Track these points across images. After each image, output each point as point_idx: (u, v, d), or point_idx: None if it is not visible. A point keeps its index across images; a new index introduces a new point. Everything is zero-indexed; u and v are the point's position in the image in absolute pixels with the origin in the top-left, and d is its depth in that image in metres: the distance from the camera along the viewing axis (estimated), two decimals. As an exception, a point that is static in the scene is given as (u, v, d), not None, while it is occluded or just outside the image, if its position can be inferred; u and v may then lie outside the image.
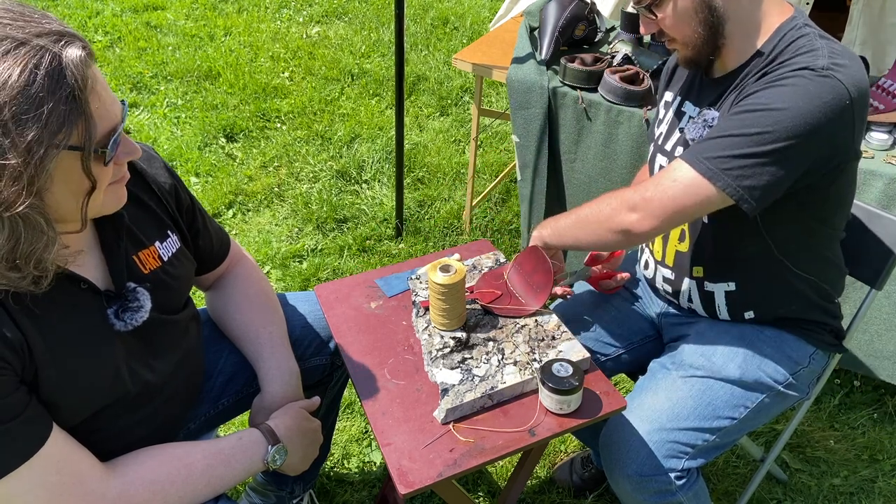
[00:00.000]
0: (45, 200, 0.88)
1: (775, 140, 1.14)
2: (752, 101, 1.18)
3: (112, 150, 0.93)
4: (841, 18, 2.52)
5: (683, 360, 1.43)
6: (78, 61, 0.85)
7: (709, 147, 1.19)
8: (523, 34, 2.44)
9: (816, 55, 1.17)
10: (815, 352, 1.45)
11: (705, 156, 1.18)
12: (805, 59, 1.17)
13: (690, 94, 1.42)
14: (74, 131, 0.86)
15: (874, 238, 1.49)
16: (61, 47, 0.85)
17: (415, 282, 1.48)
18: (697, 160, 1.19)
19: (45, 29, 0.85)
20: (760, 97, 1.17)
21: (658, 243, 1.51)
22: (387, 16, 4.84)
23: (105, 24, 4.53)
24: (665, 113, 1.50)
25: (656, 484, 1.31)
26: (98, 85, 0.90)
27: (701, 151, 1.19)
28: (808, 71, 1.14)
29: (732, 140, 1.17)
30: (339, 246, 2.79)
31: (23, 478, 0.94)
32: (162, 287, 1.15)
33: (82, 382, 1.02)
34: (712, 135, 1.20)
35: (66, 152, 0.86)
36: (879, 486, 1.96)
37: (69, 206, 0.93)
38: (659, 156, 1.48)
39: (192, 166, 3.24)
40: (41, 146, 0.83)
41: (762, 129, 1.14)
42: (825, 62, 1.15)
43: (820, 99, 1.13)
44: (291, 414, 1.26)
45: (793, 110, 1.13)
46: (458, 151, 3.43)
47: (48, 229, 0.88)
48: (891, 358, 2.03)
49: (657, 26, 1.30)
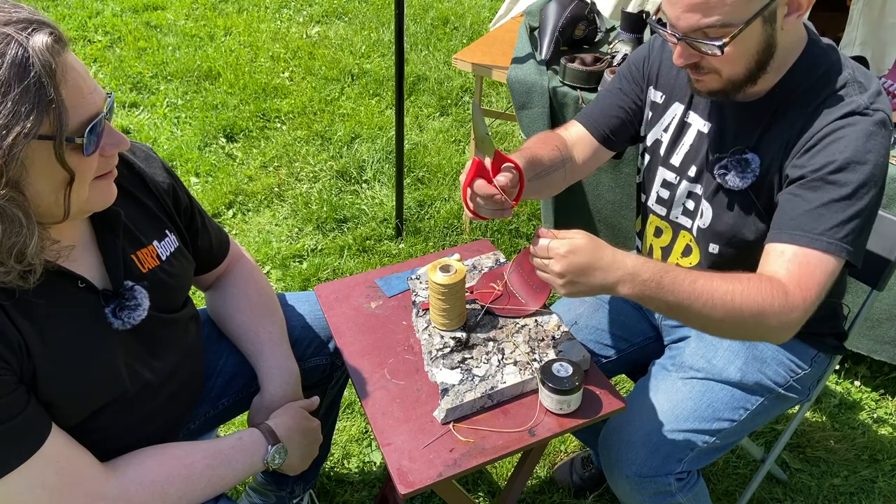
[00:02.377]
0: (26, 194, 0.86)
1: (869, 190, 1.13)
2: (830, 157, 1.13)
3: (91, 140, 0.91)
4: (841, 18, 2.51)
5: (684, 361, 1.43)
6: (44, 48, 0.84)
7: (815, 220, 1.13)
8: (523, 34, 2.43)
9: (851, 94, 1.16)
10: (816, 354, 1.45)
11: (818, 232, 1.13)
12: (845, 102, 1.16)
13: (695, 106, 1.35)
14: (45, 119, 0.84)
15: (874, 238, 1.48)
16: (28, 35, 0.83)
17: (415, 282, 1.48)
18: (813, 238, 1.13)
19: (11, 17, 0.84)
20: (837, 150, 1.13)
21: (658, 252, 1.49)
22: (387, 16, 4.84)
23: (105, 24, 4.53)
24: (655, 116, 1.42)
25: (655, 485, 1.31)
26: (71, 73, 0.88)
27: (812, 228, 1.13)
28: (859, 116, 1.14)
29: (834, 206, 1.13)
30: (339, 246, 2.79)
31: (22, 477, 0.94)
32: (160, 286, 1.15)
33: (81, 381, 1.02)
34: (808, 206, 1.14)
35: (38, 142, 0.85)
36: (879, 486, 1.96)
37: (49, 199, 0.91)
38: (662, 168, 1.41)
39: (192, 166, 3.24)
40: (9, 134, 0.81)
41: (858, 184, 1.13)
42: (864, 100, 1.15)
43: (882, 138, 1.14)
44: (291, 414, 1.26)
45: (872, 158, 1.13)
46: (458, 151, 3.43)
47: (27, 223, 0.87)
48: (891, 343, 2.06)
49: (700, 57, 1.15)
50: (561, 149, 1.45)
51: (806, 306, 1.10)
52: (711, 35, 1.09)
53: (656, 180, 1.43)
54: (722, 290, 1.09)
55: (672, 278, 1.09)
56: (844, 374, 2.28)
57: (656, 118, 1.42)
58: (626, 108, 1.47)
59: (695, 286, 1.09)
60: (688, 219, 1.39)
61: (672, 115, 1.39)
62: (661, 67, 1.41)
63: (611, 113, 1.47)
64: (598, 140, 1.48)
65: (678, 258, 1.44)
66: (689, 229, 1.40)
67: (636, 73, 1.46)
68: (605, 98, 1.50)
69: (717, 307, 1.09)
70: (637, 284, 1.08)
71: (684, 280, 1.09)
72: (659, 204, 1.44)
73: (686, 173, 1.36)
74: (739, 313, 1.09)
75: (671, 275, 1.09)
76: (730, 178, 1.26)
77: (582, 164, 1.50)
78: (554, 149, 1.43)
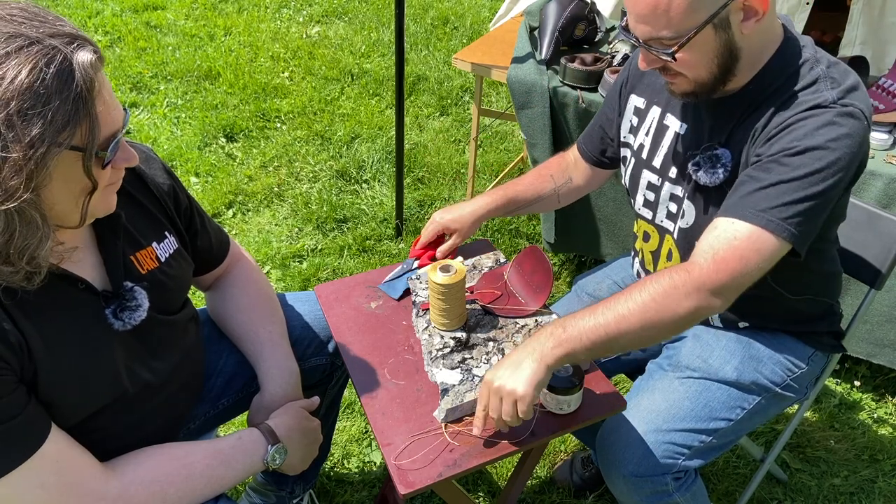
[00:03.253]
0: (42, 197, 0.88)
1: (824, 178, 1.11)
2: (787, 144, 1.13)
3: (111, 155, 0.94)
4: (841, 18, 2.51)
5: (680, 361, 1.43)
6: (88, 64, 0.87)
7: (761, 198, 1.12)
8: (523, 34, 2.44)
9: (821, 89, 1.15)
10: (813, 353, 1.45)
11: (760, 208, 1.12)
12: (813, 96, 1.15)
13: (671, 107, 1.37)
14: (78, 132, 0.87)
15: (874, 238, 1.48)
16: (73, 49, 0.86)
17: (415, 282, 1.48)
18: (753, 214, 1.12)
19: (58, 31, 0.87)
20: (795, 138, 1.13)
21: (648, 256, 1.50)
22: (387, 16, 4.84)
23: (105, 24, 4.53)
24: (639, 121, 1.44)
25: (652, 484, 1.31)
26: (105, 90, 0.91)
27: (753, 204, 1.12)
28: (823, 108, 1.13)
29: (784, 187, 1.12)
30: (339, 246, 2.79)
31: (22, 478, 0.94)
32: (159, 287, 1.15)
33: (81, 382, 1.02)
34: (757, 185, 1.14)
35: (68, 152, 0.87)
36: (879, 486, 1.96)
37: (66, 205, 0.93)
38: (646, 171, 1.42)
39: (192, 166, 3.24)
40: (44, 143, 0.84)
41: (811, 169, 1.11)
42: (833, 95, 1.14)
43: (847, 129, 1.12)
44: (291, 413, 1.26)
45: (832, 146, 1.11)
46: (458, 151, 3.43)
47: (43, 225, 0.89)
48: (891, 346, 2.05)
49: (662, 62, 1.19)
50: (555, 175, 1.62)
51: (718, 278, 1.10)
52: (665, 44, 1.14)
53: (641, 183, 1.44)
54: (623, 306, 1.11)
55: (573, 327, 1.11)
56: (844, 374, 2.28)
57: (640, 122, 1.44)
58: (612, 131, 1.53)
59: (597, 319, 1.11)
60: (671, 222, 1.40)
61: (652, 119, 1.41)
62: (644, 74, 1.44)
63: (599, 136, 1.58)
64: (590, 163, 1.61)
65: (664, 262, 1.45)
66: (671, 233, 1.40)
67: (614, 96, 1.53)
68: (596, 121, 1.59)
69: (630, 320, 1.11)
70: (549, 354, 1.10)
71: (584, 321, 1.12)
72: (646, 207, 1.45)
73: (667, 174, 1.37)
74: (652, 314, 1.10)
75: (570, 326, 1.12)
76: (700, 174, 1.27)
77: (584, 183, 1.64)
78: (546, 179, 1.61)
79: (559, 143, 2.28)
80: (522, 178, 1.61)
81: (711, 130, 1.28)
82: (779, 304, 1.38)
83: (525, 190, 1.59)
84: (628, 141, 1.48)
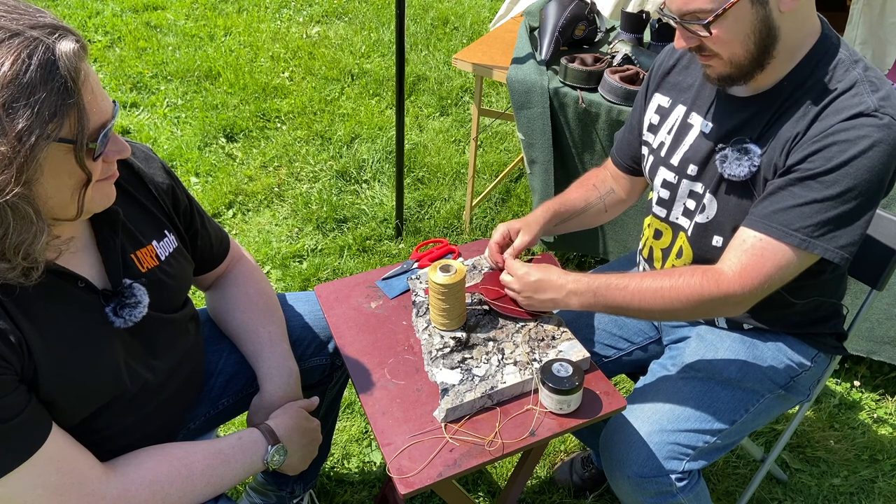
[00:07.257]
0: (34, 191, 0.88)
1: (859, 195, 1.13)
2: (822, 160, 1.14)
3: (101, 147, 0.93)
4: (841, 18, 2.52)
5: (684, 361, 1.43)
6: (71, 54, 0.86)
7: (795, 217, 1.15)
8: (523, 34, 2.43)
9: (861, 93, 1.15)
10: (816, 354, 1.45)
11: (794, 227, 1.15)
12: (854, 100, 1.15)
13: (697, 106, 1.36)
14: (66, 122, 0.86)
15: (874, 238, 1.48)
16: (55, 39, 0.85)
17: (415, 282, 1.48)
18: (787, 233, 1.16)
19: (39, 22, 0.86)
20: (831, 153, 1.13)
21: (658, 253, 1.49)
22: (387, 16, 4.84)
23: (105, 24, 4.53)
24: (661, 120, 1.44)
25: (657, 485, 1.31)
26: (90, 79, 0.90)
27: (788, 223, 1.16)
28: (866, 118, 1.13)
29: (818, 206, 1.14)
30: (339, 246, 2.79)
31: (22, 477, 0.94)
32: (159, 286, 1.15)
33: (82, 381, 1.02)
34: (792, 202, 1.16)
35: (57, 144, 0.87)
36: (879, 486, 1.96)
37: (60, 199, 0.93)
38: (662, 168, 1.42)
39: (192, 166, 3.24)
40: (31, 135, 0.83)
41: (844, 187, 1.13)
42: (875, 102, 1.14)
43: (887, 144, 1.12)
44: (291, 413, 1.26)
45: (869, 161, 1.12)
46: (458, 151, 3.43)
47: (38, 220, 0.88)
48: (891, 343, 2.06)
49: (700, 41, 1.18)
50: (598, 185, 1.62)
51: (745, 292, 1.19)
52: (701, 17, 1.14)
53: (657, 181, 1.44)
54: (653, 288, 1.24)
55: (605, 288, 1.27)
56: (844, 374, 2.28)
57: (662, 121, 1.44)
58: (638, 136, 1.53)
59: (627, 290, 1.26)
60: (686, 219, 1.39)
61: (676, 117, 1.41)
62: (670, 73, 1.45)
63: (628, 142, 1.57)
64: (624, 172, 1.60)
65: (674, 260, 1.44)
66: (685, 230, 1.40)
67: (640, 100, 1.53)
68: (625, 129, 1.59)
69: (652, 303, 1.24)
70: (578, 297, 1.29)
71: (616, 287, 1.27)
72: (659, 205, 1.44)
73: (686, 172, 1.37)
74: (672, 304, 1.23)
75: (605, 286, 1.27)
76: (727, 166, 1.27)
77: (625, 195, 1.64)
78: (590, 188, 1.61)
79: (558, 144, 2.28)
80: (568, 190, 1.61)
81: (740, 127, 1.28)
82: (785, 307, 1.38)
83: (574, 198, 1.58)
84: (647, 139, 1.48)
